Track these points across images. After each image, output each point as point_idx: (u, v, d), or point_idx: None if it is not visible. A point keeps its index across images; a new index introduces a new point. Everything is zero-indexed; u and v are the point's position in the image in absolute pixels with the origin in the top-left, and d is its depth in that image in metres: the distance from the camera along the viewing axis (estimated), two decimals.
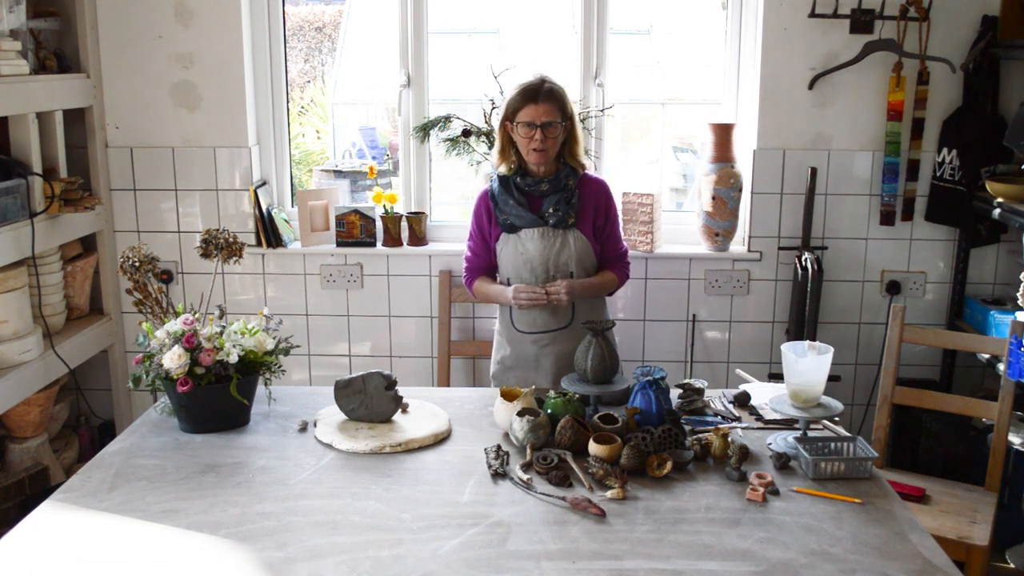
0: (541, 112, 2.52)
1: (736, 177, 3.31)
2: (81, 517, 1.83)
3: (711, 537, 1.75)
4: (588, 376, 2.31)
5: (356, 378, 2.27)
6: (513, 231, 2.64)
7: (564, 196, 2.61)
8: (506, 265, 2.68)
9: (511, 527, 1.78)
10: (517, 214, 2.62)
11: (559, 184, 2.61)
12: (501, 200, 2.64)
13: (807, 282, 3.26)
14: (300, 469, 2.04)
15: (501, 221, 2.65)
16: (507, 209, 2.63)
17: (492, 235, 2.70)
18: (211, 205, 3.48)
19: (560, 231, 2.62)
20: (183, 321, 2.19)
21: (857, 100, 3.30)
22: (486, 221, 2.70)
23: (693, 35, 4.28)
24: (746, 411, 2.39)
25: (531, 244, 2.62)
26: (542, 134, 2.52)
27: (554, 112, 2.53)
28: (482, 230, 2.72)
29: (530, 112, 2.52)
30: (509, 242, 2.65)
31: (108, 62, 3.36)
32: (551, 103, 2.53)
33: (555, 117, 2.53)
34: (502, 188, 2.65)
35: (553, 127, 2.53)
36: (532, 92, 2.54)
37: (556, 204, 2.60)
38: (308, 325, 3.55)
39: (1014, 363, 2.58)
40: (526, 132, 2.54)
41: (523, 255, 2.63)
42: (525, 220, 2.62)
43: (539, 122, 2.52)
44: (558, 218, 2.60)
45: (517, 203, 2.62)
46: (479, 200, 2.73)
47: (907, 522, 1.82)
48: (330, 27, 5.45)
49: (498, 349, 2.80)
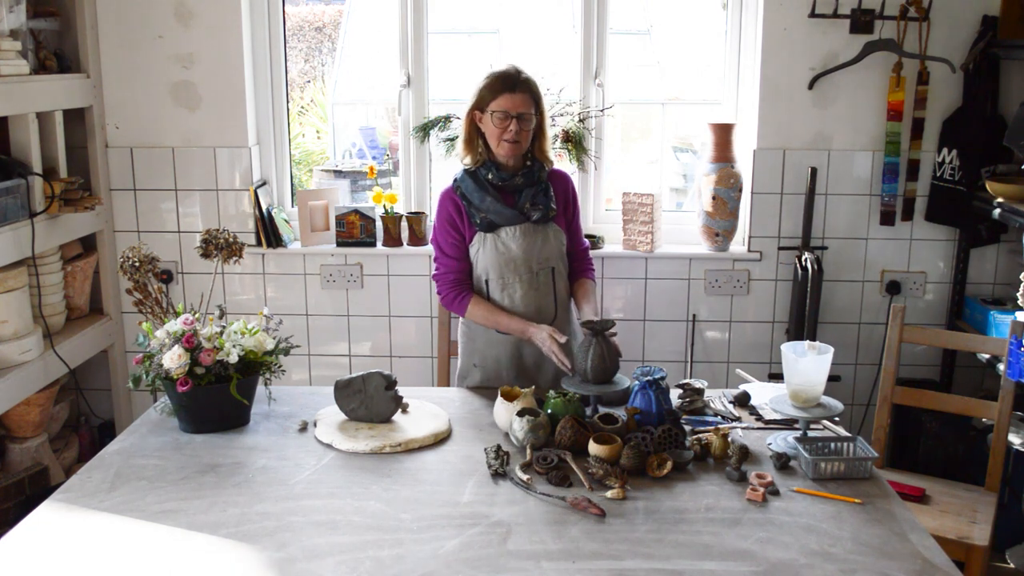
0: (517, 102, 2.43)
1: (736, 177, 3.31)
2: (81, 517, 1.83)
3: (711, 537, 1.75)
4: (588, 376, 2.30)
5: (356, 378, 2.27)
6: (492, 229, 2.52)
7: (540, 188, 2.54)
8: (485, 265, 2.55)
9: (511, 527, 1.78)
10: (496, 211, 2.50)
11: (533, 176, 2.53)
12: (475, 197, 2.51)
13: (807, 282, 3.26)
14: (300, 469, 2.04)
15: (479, 220, 2.52)
16: (483, 206, 2.51)
17: (467, 234, 2.56)
18: (211, 205, 3.48)
19: (541, 226, 2.54)
20: (183, 321, 2.19)
21: (857, 100, 3.30)
22: (458, 220, 2.55)
23: (693, 35, 4.27)
24: (746, 411, 2.39)
25: (513, 242, 2.52)
26: (517, 124, 2.43)
27: (529, 103, 2.45)
28: (457, 229, 2.55)
29: (505, 101, 2.43)
30: (487, 241, 2.53)
31: (108, 62, 3.36)
32: (527, 93, 2.45)
33: (530, 108, 2.45)
34: (473, 184, 2.52)
35: (527, 119, 2.45)
36: (509, 80, 2.45)
37: (534, 198, 2.52)
38: (308, 325, 3.55)
39: (1014, 363, 2.58)
40: (500, 122, 2.44)
41: (504, 254, 2.52)
42: (505, 217, 2.51)
43: (515, 112, 2.43)
44: (540, 212, 2.52)
45: (493, 199, 2.50)
46: (443, 199, 2.57)
47: (907, 522, 1.82)
48: (330, 27, 5.45)
49: (470, 354, 2.67)
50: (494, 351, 2.62)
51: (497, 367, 2.63)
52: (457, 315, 2.66)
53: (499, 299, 2.57)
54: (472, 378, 2.68)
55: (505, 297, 2.56)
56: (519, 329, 2.51)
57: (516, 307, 2.55)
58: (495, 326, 2.56)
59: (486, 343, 2.63)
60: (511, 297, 2.55)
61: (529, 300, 2.56)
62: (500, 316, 2.54)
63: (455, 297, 2.58)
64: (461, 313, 2.60)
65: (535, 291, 2.56)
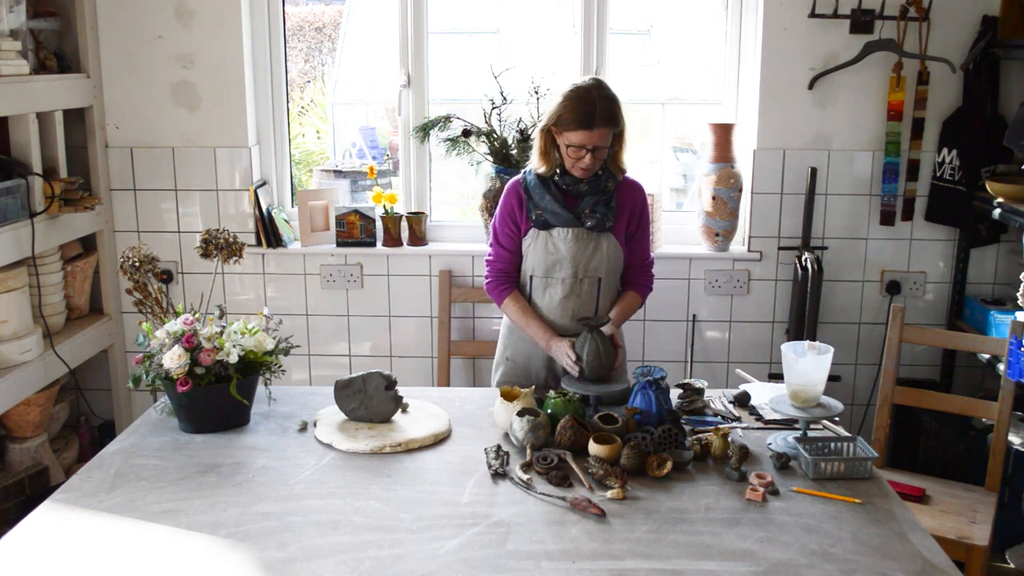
0: (595, 137, 2.35)
1: (736, 177, 3.31)
2: (81, 517, 1.83)
3: (711, 537, 1.75)
4: (584, 372, 2.32)
5: (356, 378, 2.27)
6: (545, 228, 2.50)
7: (603, 198, 2.48)
8: (533, 262, 2.53)
9: (511, 527, 1.78)
10: (552, 210, 2.47)
11: (599, 186, 2.47)
12: (536, 193, 2.49)
13: (807, 282, 3.26)
14: (300, 469, 2.04)
15: (534, 216, 2.50)
16: (542, 204, 2.48)
17: (523, 228, 2.54)
18: (211, 205, 3.48)
19: (595, 234, 2.49)
20: (183, 321, 2.19)
21: (857, 100, 3.30)
22: (518, 212, 2.53)
23: (693, 35, 4.27)
24: (746, 411, 2.39)
25: (563, 244, 2.49)
26: (592, 157, 2.38)
27: (606, 137, 2.37)
28: (515, 220, 2.53)
29: (582, 137, 2.35)
30: (539, 238, 2.51)
31: (108, 62, 3.36)
32: (606, 127, 2.36)
33: (606, 141, 2.38)
34: (538, 181, 2.49)
35: (602, 150, 2.39)
36: (587, 117, 2.34)
37: (594, 206, 2.47)
38: (308, 325, 3.55)
39: (1014, 363, 2.58)
40: (575, 153, 2.39)
41: (553, 255, 2.50)
42: (560, 218, 2.47)
43: (591, 146, 2.37)
44: (596, 220, 2.46)
45: (553, 199, 2.47)
46: (510, 190, 2.55)
47: (907, 522, 1.82)
48: (330, 27, 5.44)
49: (505, 347, 2.68)
50: (526, 348, 2.61)
51: (527, 364, 2.63)
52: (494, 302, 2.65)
53: (539, 299, 2.55)
54: (502, 370, 2.68)
55: (545, 297, 2.54)
56: (543, 338, 2.50)
57: (554, 310, 2.53)
58: (523, 327, 2.56)
59: (520, 339, 2.63)
60: (551, 298, 2.53)
61: (568, 305, 2.52)
62: (530, 319, 2.53)
63: (498, 286, 2.59)
64: (499, 303, 2.61)
65: (576, 298, 2.52)
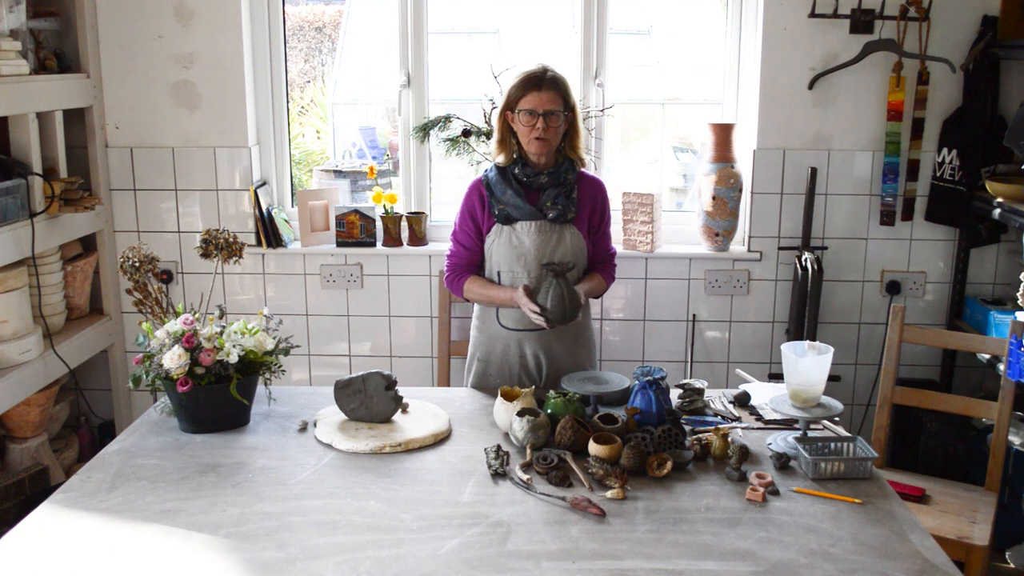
0: (544, 100, 2.48)
1: (736, 177, 3.31)
2: (81, 517, 1.83)
3: (711, 537, 1.75)
4: (549, 318, 2.40)
5: (356, 378, 2.27)
6: (508, 222, 2.58)
7: (564, 190, 2.57)
8: (498, 258, 2.61)
9: (511, 527, 1.78)
10: (514, 204, 2.57)
11: (559, 177, 2.58)
12: (498, 189, 2.59)
13: (807, 282, 3.26)
14: (300, 469, 2.04)
15: (497, 211, 2.58)
16: (504, 198, 2.58)
17: (485, 226, 2.63)
18: (211, 205, 3.48)
19: (557, 226, 2.58)
20: (183, 321, 2.20)
21: (857, 100, 3.30)
22: (479, 210, 2.62)
23: (693, 35, 4.27)
24: (746, 411, 2.39)
25: (527, 237, 2.57)
26: (544, 122, 2.48)
27: (556, 100, 2.50)
28: (475, 219, 2.63)
29: (532, 100, 2.48)
30: (503, 234, 2.59)
31: (108, 62, 3.36)
32: (554, 91, 2.50)
33: (558, 106, 2.50)
34: (499, 177, 2.59)
35: (555, 116, 2.50)
36: (535, 80, 2.50)
37: (555, 198, 2.56)
38: (308, 325, 3.55)
39: (1014, 363, 2.58)
40: (528, 120, 2.50)
41: (517, 248, 2.58)
42: (523, 212, 2.57)
43: (541, 110, 2.48)
44: (557, 212, 2.56)
45: (515, 193, 2.57)
46: (471, 189, 2.65)
47: (907, 522, 1.82)
48: (330, 27, 5.44)
49: (476, 346, 2.74)
50: (498, 346, 2.67)
51: (500, 362, 2.67)
52: (456, 296, 2.71)
53: None
54: (475, 370, 2.73)
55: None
56: (508, 297, 2.56)
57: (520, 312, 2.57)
58: (489, 301, 2.63)
59: (489, 338, 2.68)
60: None
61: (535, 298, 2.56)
62: (492, 289, 2.61)
63: (456, 278, 2.67)
64: (459, 293, 2.68)
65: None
